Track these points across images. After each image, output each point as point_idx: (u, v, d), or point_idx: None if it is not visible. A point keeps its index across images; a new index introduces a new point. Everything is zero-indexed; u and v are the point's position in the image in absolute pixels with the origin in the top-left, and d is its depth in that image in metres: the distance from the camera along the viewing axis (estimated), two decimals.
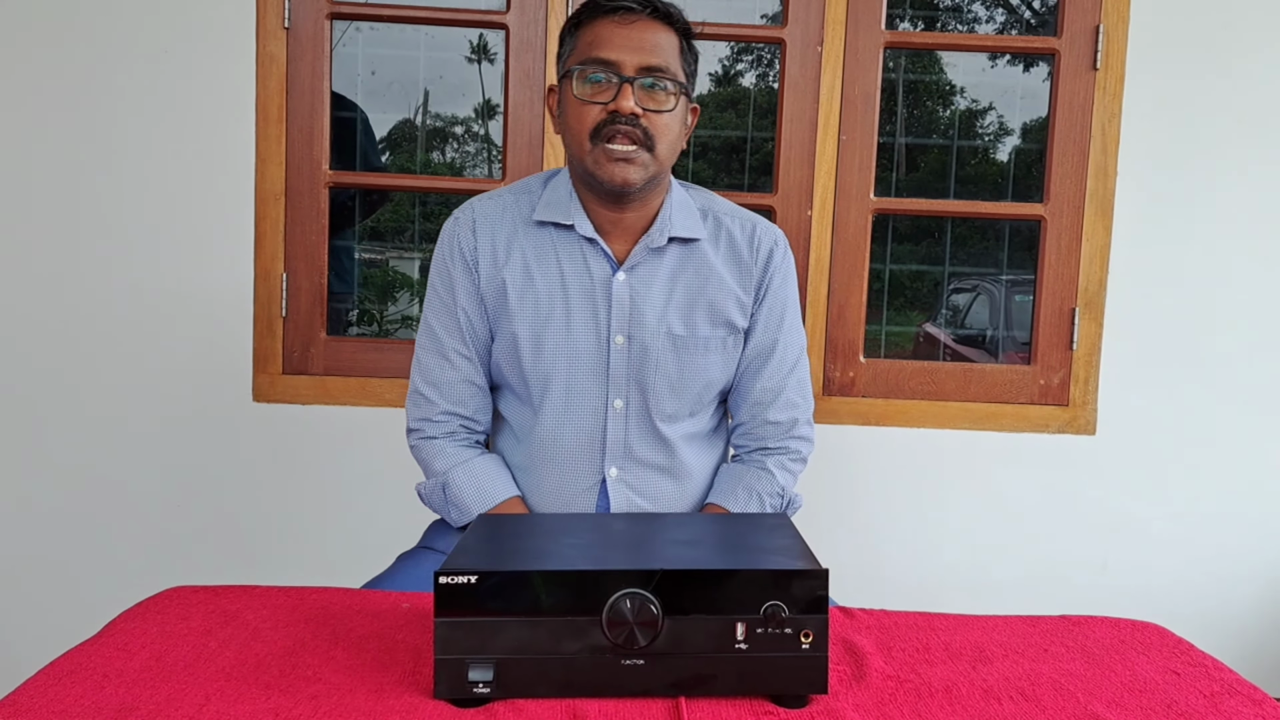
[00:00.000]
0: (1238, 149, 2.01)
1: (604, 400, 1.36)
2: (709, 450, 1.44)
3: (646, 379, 1.35)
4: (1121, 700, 0.89)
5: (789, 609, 0.84)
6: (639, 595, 0.83)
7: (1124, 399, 2.05)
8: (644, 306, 1.34)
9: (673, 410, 1.38)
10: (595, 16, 1.27)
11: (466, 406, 1.39)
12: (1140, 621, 1.12)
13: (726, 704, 0.84)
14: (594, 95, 1.26)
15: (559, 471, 1.38)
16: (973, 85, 3.30)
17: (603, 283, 1.34)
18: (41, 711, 0.78)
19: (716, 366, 1.38)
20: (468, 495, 1.35)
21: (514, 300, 1.35)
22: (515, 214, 1.37)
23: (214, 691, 0.83)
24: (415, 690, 0.85)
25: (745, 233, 1.39)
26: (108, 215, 1.97)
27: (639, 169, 1.26)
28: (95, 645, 0.92)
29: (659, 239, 1.34)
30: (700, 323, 1.36)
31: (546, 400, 1.36)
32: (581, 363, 1.35)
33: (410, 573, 1.32)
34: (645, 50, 1.25)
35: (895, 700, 0.87)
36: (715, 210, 1.40)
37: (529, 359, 1.35)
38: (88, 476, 2.01)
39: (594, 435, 1.37)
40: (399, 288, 3.42)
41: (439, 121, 3.23)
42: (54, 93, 1.95)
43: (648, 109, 1.25)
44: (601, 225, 1.34)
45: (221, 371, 2.00)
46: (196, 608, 1.02)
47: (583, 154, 1.28)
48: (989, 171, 3.34)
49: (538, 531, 1.00)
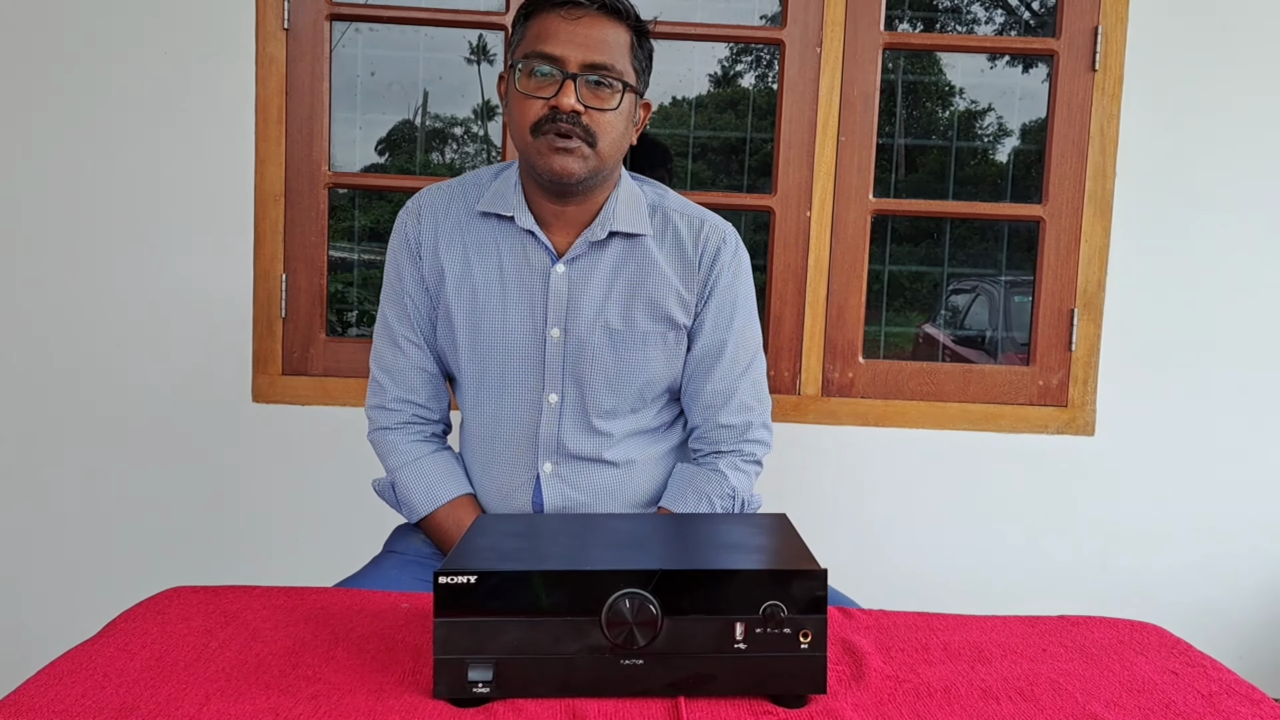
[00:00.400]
0: (1236, 150, 2.02)
1: (539, 394, 1.35)
2: (655, 444, 1.41)
3: (583, 374, 1.34)
4: (1120, 700, 0.89)
5: (788, 609, 0.84)
6: (638, 595, 0.83)
7: (1123, 400, 2.05)
8: (581, 300, 1.33)
9: (610, 406, 1.36)
10: (544, 8, 1.26)
11: (419, 394, 1.39)
12: (1139, 622, 1.12)
13: (725, 704, 0.84)
14: (537, 90, 1.25)
15: (497, 463, 1.38)
16: (972, 86, 3.30)
17: (541, 274, 1.33)
18: (43, 711, 0.78)
19: (657, 362, 1.36)
20: (415, 495, 1.36)
21: (451, 287, 1.35)
22: (462, 204, 1.38)
23: (214, 691, 0.83)
24: (415, 690, 0.85)
25: (692, 230, 1.37)
26: (107, 216, 1.98)
27: (579, 160, 1.25)
28: (96, 645, 0.92)
29: (600, 232, 1.33)
30: (639, 318, 1.34)
31: (483, 391, 1.37)
32: (516, 354, 1.35)
33: (374, 577, 1.32)
34: (591, 47, 1.24)
35: (894, 700, 0.87)
36: (665, 206, 1.38)
37: (465, 347, 1.36)
38: (88, 476, 2.02)
39: (529, 429, 1.36)
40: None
41: (438, 122, 3.22)
42: (54, 93, 1.95)
43: (590, 106, 1.24)
44: (544, 218, 1.34)
45: (221, 372, 2.00)
46: (197, 608, 1.02)
47: (525, 145, 1.27)
48: (988, 172, 3.34)
49: (537, 531, 1.00)
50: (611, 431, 1.37)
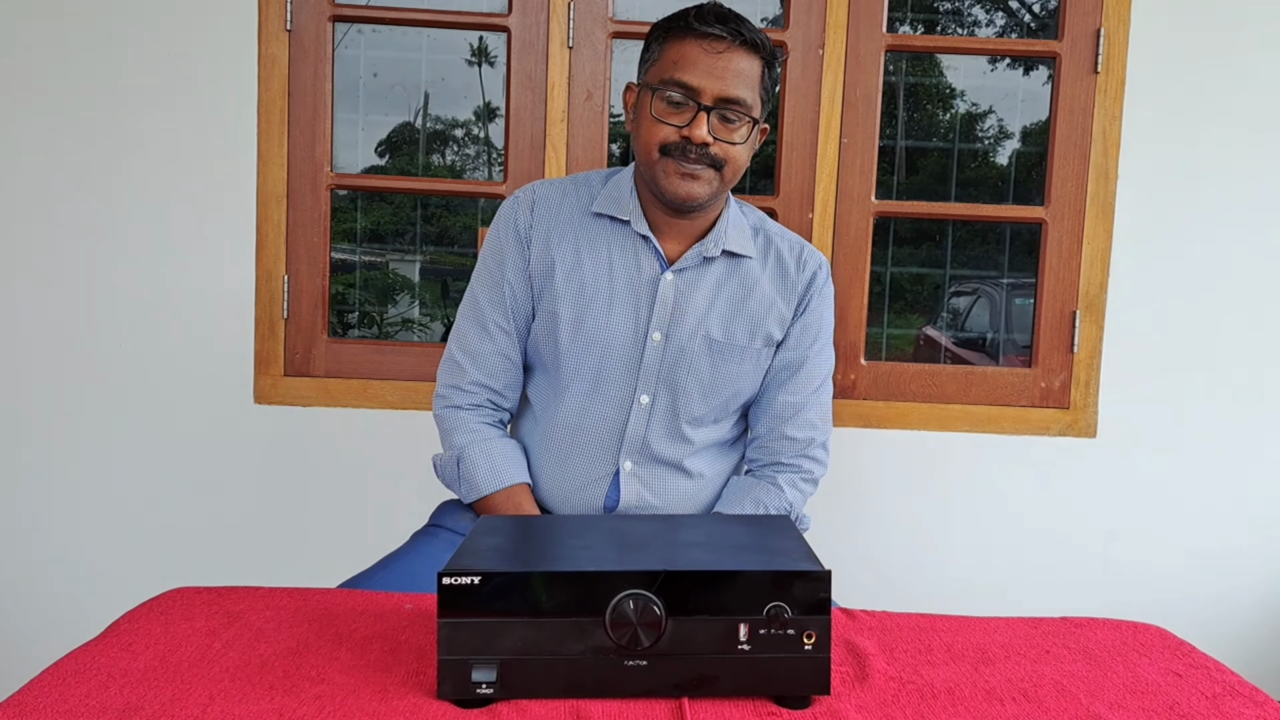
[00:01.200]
0: (1238, 152, 2.02)
1: (631, 393, 1.39)
2: (724, 459, 1.47)
3: (679, 379, 1.38)
4: (1124, 702, 0.89)
5: (791, 610, 0.84)
6: (642, 596, 0.83)
7: (1124, 402, 2.05)
8: (686, 308, 1.38)
9: (700, 413, 1.41)
10: (685, 33, 1.28)
11: (497, 380, 1.41)
12: (1142, 624, 1.12)
13: (729, 704, 0.84)
14: (670, 116, 1.28)
15: (576, 457, 1.41)
16: (973, 89, 3.30)
17: (650, 280, 1.38)
18: (46, 711, 0.79)
19: (748, 376, 1.41)
20: (480, 472, 1.37)
21: (560, 280, 1.38)
22: (574, 201, 1.41)
23: (218, 692, 0.83)
24: (419, 691, 0.85)
25: (793, 253, 1.44)
26: (110, 217, 1.98)
27: (704, 185, 1.30)
28: (99, 645, 0.92)
29: (714, 249, 1.38)
30: (739, 332, 1.40)
31: (575, 384, 1.39)
32: (615, 353, 1.38)
33: (423, 550, 1.35)
34: (727, 80, 1.27)
35: (898, 701, 0.87)
36: (766, 229, 1.45)
37: (566, 340, 1.38)
38: (90, 477, 2.02)
39: (615, 426, 1.40)
40: (399, 290, 3.41)
41: (439, 124, 3.22)
42: (57, 95, 1.95)
43: (720, 138, 1.28)
44: (657, 225, 1.38)
45: (223, 373, 2.00)
46: (200, 608, 1.02)
47: (651, 163, 1.32)
48: (989, 175, 3.34)
49: (541, 532, 1.00)
50: (694, 439, 1.41)
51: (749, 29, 1.29)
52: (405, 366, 2.04)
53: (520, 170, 2.01)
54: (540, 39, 2.00)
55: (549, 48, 2.00)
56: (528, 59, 2.00)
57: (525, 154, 2.01)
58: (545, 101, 2.00)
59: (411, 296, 3.41)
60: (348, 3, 2.01)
